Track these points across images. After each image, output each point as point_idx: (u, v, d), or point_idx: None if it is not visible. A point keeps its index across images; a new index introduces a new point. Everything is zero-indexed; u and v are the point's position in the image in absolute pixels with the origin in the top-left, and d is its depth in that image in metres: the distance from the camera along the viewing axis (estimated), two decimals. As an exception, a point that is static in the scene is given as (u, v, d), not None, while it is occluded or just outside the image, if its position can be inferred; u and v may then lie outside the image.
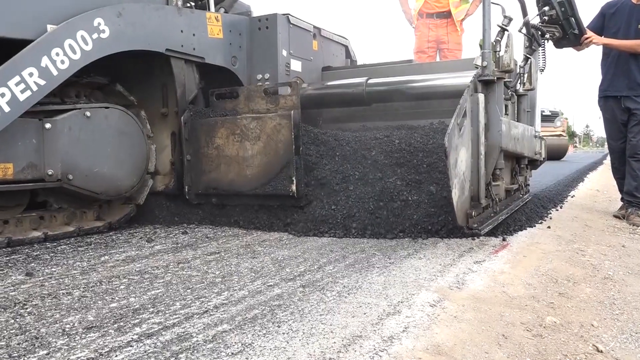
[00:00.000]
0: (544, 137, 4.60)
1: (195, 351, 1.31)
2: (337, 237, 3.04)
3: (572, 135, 78.88)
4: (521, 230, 3.24)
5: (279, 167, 3.36)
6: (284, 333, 1.42)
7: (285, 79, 4.06)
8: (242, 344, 1.35)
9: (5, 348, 1.36)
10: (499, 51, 3.16)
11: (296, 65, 4.33)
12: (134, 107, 3.56)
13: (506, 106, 3.66)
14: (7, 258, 2.43)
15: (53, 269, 2.20)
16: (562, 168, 9.82)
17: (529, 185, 4.64)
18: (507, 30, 3.16)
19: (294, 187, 3.30)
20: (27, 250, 2.63)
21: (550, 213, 3.93)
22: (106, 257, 2.46)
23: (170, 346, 1.35)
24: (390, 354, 1.30)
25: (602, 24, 4.38)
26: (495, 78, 3.04)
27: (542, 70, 4.29)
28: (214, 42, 3.92)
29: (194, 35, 3.70)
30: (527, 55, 4.04)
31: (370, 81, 3.96)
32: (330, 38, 4.81)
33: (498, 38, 3.14)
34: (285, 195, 3.30)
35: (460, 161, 2.73)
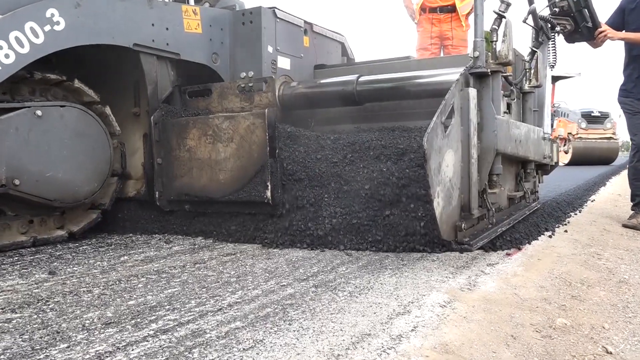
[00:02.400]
0: (556, 139, 4.32)
1: (208, 346, 1.41)
2: (313, 251, 2.91)
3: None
4: (539, 236, 3.13)
5: (253, 171, 3.17)
6: (294, 330, 1.51)
7: None
8: (253, 340, 1.44)
9: (29, 341, 1.48)
10: (496, 41, 2.88)
11: (284, 63, 4.14)
12: (96, 105, 3.44)
13: (509, 104, 3.53)
14: (32, 257, 2.62)
15: (75, 268, 2.35)
16: (584, 172, 9.70)
17: (537, 192, 4.56)
18: (504, 17, 2.88)
19: (268, 194, 3.10)
20: (50, 250, 2.80)
21: (569, 217, 3.91)
22: (126, 257, 2.61)
23: (184, 341, 1.48)
24: (398, 352, 1.37)
25: (622, 20, 4.25)
26: (490, 71, 2.78)
27: (553, 66, 4.11)
28: (191, 37, 3.73)
29: (167, 29, 3.55)
30: (534, 49, 3.79)
31: (362, 79, 3.71)
32: (324, 34, 4.65)
33: (495, 26, 2.88)
34: (260, 202, 3.13)
35: (446, 166, 2.46)
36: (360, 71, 3.91)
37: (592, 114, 15.34)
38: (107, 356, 1.44)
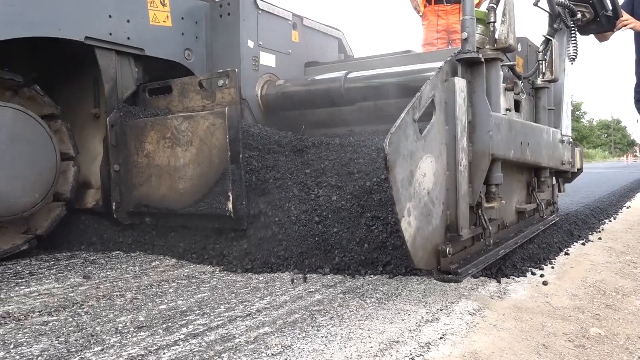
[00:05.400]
0: (578, 144, 4.22)
1: (237, 351, 1.50)
2: (282, 273, 2.70)
3: (631, 144, 75.56)
4: (572, 244, 3.51)
5: (214, 179, 2.95)
6: (322, 337, 1.59)
7: (252, 76, 3.74)
8: (282, 346, 1.51)
9: (64, 344, 1.62)
10: (494, 22, 2.47)
11: (268, 59, 3.85)
12: (55, 118, 3.29)
13: (518, 102, 3.20)
14: (67, 262, 2.78)
15: (108, 273, 2.47)
16: (620, 177, 9.44)
17: (556, 203, 4.22)
18: None
19: (230, 205, 2.88)
20: (84, 254, 2.88)
21: (603, 224, 3.83)
22: (157, 262, 2.83)
23: (214, 346, 1.63)
24: None
25: (630, 12, 4.18)
26: (483, 58, 2.36)
27: (573, 59, 3.81)
28: (158, 30, 3.51)
29: (128, 21, 3.36)
30: (548, 37, 3.39)
31: (351, 75, 3.43)
32: (317, 29, 4.42)
33: (493, 4, 2.47)
34: (222, 216, 2.95)
35: (422, 175, 2.05)
36: (354, 67, 3.64)
37: None
38: (139, 359, 1.53)
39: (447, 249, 2.13)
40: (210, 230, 3.08)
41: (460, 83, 2.22)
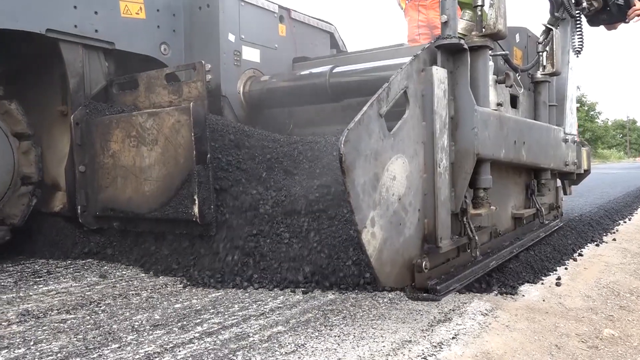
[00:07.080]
0: (584, 143, 4.14)
1: (251, 349, 1.56)
2: (246, 289, 2.50)
3: (647, 143, 74.69)
4: (587, 245, 3.12)
5: (180, 181, 2.83)
6: (335, 336, 1.65)
7: (233, 72, 3.63)
8: (295, 345, 1.57)
9: (82, 341, 1.75)
10: (481, 5, 2.25)
11: (252, 54, 3.68)
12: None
13: (515, 97, 3.05)
14: (83, 261, 2.76)
15: (124, 272, 2.63)
16: (635, 178, 9.36)
17: (560, 207, 4.05)
18: None
19: (196, 210, 2.73)
20: (101, 254, 2.89)
21: (617, 225, 3.80)
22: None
23: (228, 344, 1.80)
24: (438, 359, 1.35)
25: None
26: (466, 44, 2.13)
27: (579, 52, 3.67)
28: (130, 23, 3.38)
29: (95, 13, 3.24)
30: (549, 26, 3.20)
31: (337, 70, 3.32)
32: (306, 22, 4.27)
33: None
34: (188, 221, 2.86)
35: (390, 178, 1.82)
36: (344, 63, 3.50)
37: None
38: (155, 357, 1.72)
39: (424, 262, 1.90)
40: (180, 236, 2.83)
41: (439, 73, 2.00)
